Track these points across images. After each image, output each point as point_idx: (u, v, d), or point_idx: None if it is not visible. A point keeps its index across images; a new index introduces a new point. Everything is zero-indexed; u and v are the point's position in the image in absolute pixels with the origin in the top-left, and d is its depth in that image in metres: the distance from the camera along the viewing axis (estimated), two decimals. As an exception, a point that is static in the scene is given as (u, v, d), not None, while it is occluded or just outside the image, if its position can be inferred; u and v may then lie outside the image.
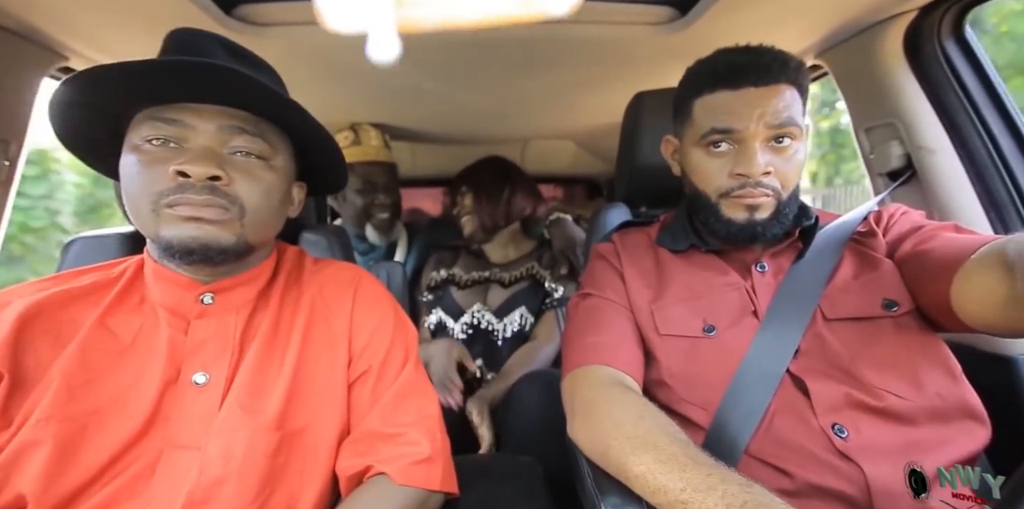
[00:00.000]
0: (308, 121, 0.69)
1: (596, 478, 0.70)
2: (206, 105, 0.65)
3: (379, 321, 0.77)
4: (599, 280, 0.90)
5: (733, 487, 0.54)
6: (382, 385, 0.74)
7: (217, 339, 0.69)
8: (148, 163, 0.62)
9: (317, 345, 0.73)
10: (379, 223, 1.76)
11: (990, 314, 0.64)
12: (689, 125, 0.83)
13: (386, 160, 1.78)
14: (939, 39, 1.05)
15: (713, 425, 0.72)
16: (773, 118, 0.75)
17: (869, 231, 0.83)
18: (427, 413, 0.75)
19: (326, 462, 0.69)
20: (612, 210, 1.22)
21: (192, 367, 0.66)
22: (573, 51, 1.24)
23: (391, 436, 0.71)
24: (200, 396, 0.65)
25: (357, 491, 0.68)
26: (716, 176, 0.80)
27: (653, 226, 0.98)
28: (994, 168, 1.01)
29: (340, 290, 0.78)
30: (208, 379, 0.66)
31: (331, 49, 1.16)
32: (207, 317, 0.69)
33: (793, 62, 0.78)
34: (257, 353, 0.69)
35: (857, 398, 0.70)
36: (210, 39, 0.70)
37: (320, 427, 0.69)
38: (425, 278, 1.71)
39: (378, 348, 0.75)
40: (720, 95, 0.78)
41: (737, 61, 0.78)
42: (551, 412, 1.18)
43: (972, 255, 0.66)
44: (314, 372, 0.71)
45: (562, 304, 1.55)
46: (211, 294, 0.70)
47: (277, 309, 0.74)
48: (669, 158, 0.93)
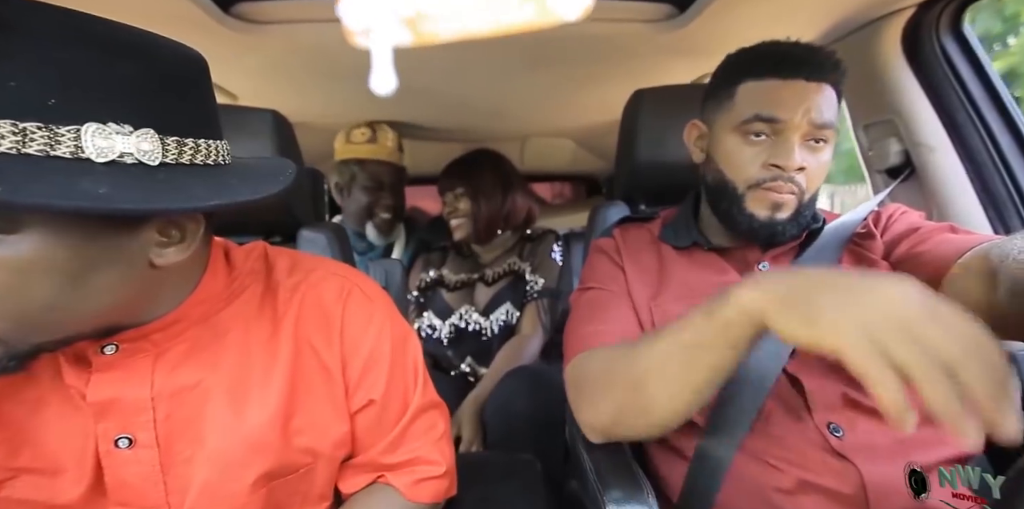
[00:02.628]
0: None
1: (599, 472, 0.70)
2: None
3: (374, 343, 0.65)
4: (600, 274, 0.89)
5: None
6: (388, 417, 0.66)
7: (131, 395, 0.55)
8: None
9: (307, 380, 0.62)
10: (380, 223, 1.76)
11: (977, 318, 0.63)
12: (728, 109, 0.80)
13: (397, 162, 1.79)
14: (937, 35, 1.05)
15: (709, 423, 0.72)
16: (817, 115, 0.74)
17: (867, 233, 0.83)
18: (437, 430, 0.71)
19: (330, 488, 0.66)
20: (611, 208, 1.22)
21: (110, 429, 0.55)
22: (572, 48, 1.23)
23: (400, 463, 0.67)
24: (132, 459, 0.55)
25: (362, 495, 0.67)
26: (749, 165, 0.78)
27: (654, 222, 0.97)
28: (992, 164, 1.01)
29: (324, 309, 0.64)
30: (133, 441, 0.55)
31: (329, 47, 1.16)
32: (113, 370, 0.55)
33: (842, 65, 0.78)
34: (224, 398, 0.58)
35: (853, 398, 0.70)
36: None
37: (322, 461, 0.63)
38: (414, 279, 1.70)
39: (377, 379, 0.65)
40: (769, 83, 0.76)
41: (793, 52, 0.77)
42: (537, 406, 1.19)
43: (959, 259, 0.66)
44: (311, 410, 0.62)
45: (542, 296, 1.54)
46: (115, 345, 0.55)
47: (241, 343, 0.60)
48: (691, 144, 0.89)
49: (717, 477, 0.70)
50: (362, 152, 1.72)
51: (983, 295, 0.60)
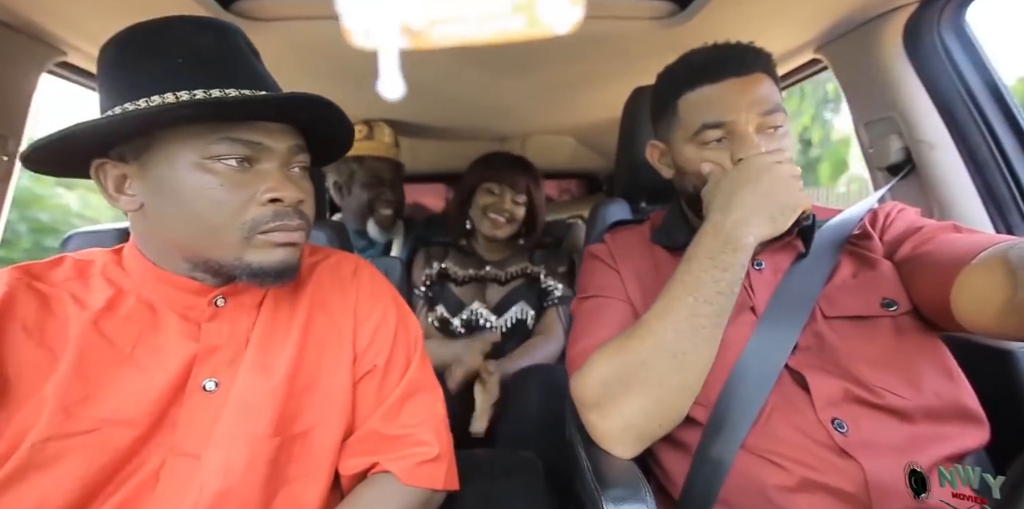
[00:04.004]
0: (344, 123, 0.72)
1: (596, 472, 0.70)
2: (278, 124, 0.63)
3: (382, 317, 0.75)
4: (597, 280, 0.89)
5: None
6: (388, 384, 0.72)
7: (230, 343, 0.66)
8: (230, 187, 0.60)
9: (319, 342, 0.70)
10: (382, 219, 1.77)
11: (987, 319, 0.63)
12: (676, 125, 0.82)
13: (395, 158, 1.80)
14: (939, 32, 1.05)
15: (711, 420, 0.72)
16: (762, 106, 0.75)
17: (864, 233, 0.82)
18: (434, 412, 0.74)
19: (329, 462, 0.67)
20: (611, 205, 1.22)
21: (203, 373, 0.64)
22: (573, 46, 1.23)
23: (397, 437, 0.70)
24: (208, 402, 0.63)
25: (360, 487, 0.68)
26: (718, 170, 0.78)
27: (644, 224, 0.97)
28: (993, 161, 1.01)
29: (342, 283, 0.76)
30: (217, 385, 0.64)
31: (330, 44, 1.15)
32: (219, 320, 0.66)
33: (764, 53, 0.79)
34: (254, 355, 0.66)
35: (856, 394, 0.70)
36: (242, 41, 0.66)
37: (323, 428, 0.67)
38: (418, 274, 1.69)
39: (382, 346, 0.73)
40: (703, 90, 0.78)
41: (713, 56, 0.79)
42: (549, 406, 1.19)
43: (973, 260, 0.66)
44: (316, 371, 0.69)
45: (562, 302, 1.55)
46: (223, 297, 0.67)
47: (273, 307, 0.70)
48: (656, 163, 0.91)
49: (719, 475, 0.70)
50: (360, 149, 1.73)
51: (1004, 295, 0.59)
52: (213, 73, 0.60)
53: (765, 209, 0.71)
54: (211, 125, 0.59)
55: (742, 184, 0.72)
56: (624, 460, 0.73)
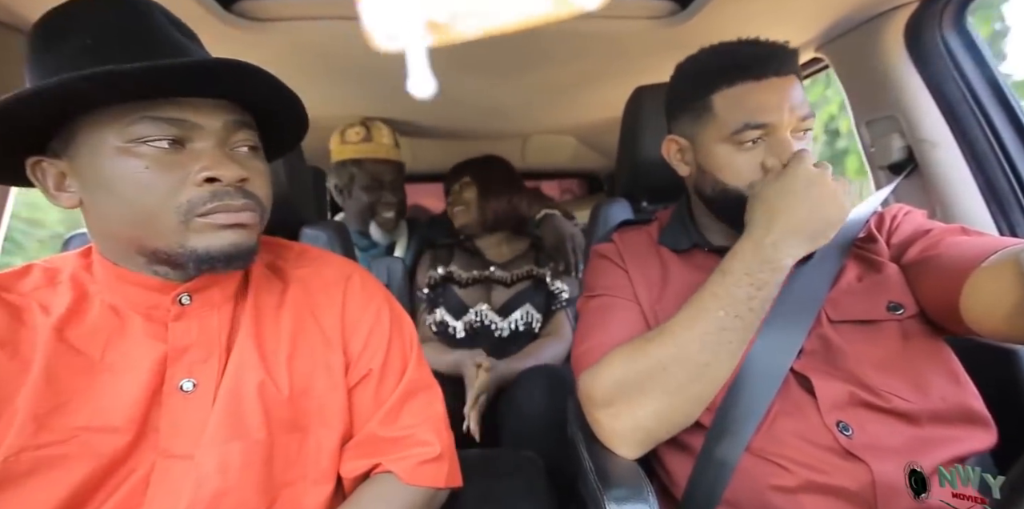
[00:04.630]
0: (298, 107, 0.66)
1: (599, 472, 0.70)
2: (205, 99, 0.58)
3: (374, 320, 0.73)
4: (604, 279, 0.89)
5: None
6: (385, 388, 0.71)
7: (201, 341, 0.64)
8: (158, 169, 0.56)
9: (308, 346, 0.69)
10: (383, 222, 1.74)
11: (997, 322, 0.63)
12: (709, 121, 0.79)
13: (395, 159, 1.77)
14: (940, 31, 1.04)
15: (715, 423, 0.72)
16: (802, 109, 0.74)
17: (869, 236, 0.82)
18: (433, 411, 0.73)
19: (330, 466, 0.67)
20: (613, 205, 1.22)
21: (178, 374, 0.62)
22: (574, 45, 1.23)
23: (398, 439, 0.69)
24: (189, 403, 0.61)
25: (363, 487, 0.67)
26: (747, 170, 0.77)
27: (651, 225, 0.96)
28: (995, 160, 1.01)
29: (327, 288, 0.73)
30: (196, 385, 0.62)
31: (330, 44, 1.15)
32: (186, 319, 0.63)
33: (796, 54, 0.78)
34: (242, 353, 0.64)
35: (862, 398, 0.70)
36: (158, 14, 0.61)
37: (320, 432, 0.67)
38: (422, 276, 1.69)
39: (376, 350, 0.72)
40: (744, 87, 0.75)
41: (755, 52, 0.76)
42: (553, 406, 1.19)
43: (983, 263, 0.65)
44: (308, 378, 0.67)
45: (570, 304, 1.56)
46: (188, 294, 0.63)
47: (255, 306, 0.68)
48: (673, 159, 0.88)
49: (723, 477, 0.70)
50: (359, 152, 1.71)
51: (1014, 298, 0.59)
52: (127, 50, 0.56)
53: (809, 226, 0.70)
54: (130, 105, 0.55)
55: (787, 197, 0.70)
56: (627, 460, 0.73)
